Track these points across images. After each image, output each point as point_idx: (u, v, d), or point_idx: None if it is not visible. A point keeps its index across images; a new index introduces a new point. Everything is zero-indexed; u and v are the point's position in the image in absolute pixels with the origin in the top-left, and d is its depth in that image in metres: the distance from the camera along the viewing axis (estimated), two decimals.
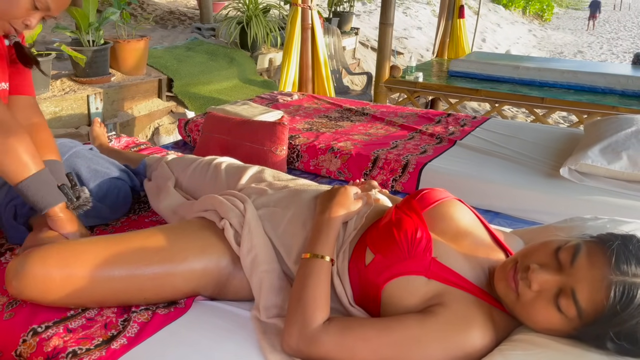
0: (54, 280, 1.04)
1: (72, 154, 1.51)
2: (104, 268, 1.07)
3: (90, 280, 1.06)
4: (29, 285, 1.04)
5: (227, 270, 1.16)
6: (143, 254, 1.11)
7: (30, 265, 1.04)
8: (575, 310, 0.86)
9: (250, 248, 1.15)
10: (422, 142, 2.44)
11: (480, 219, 1.14)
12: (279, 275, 1.14)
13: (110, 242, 1.13)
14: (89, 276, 1.06)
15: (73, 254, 1.07)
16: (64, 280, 1.05)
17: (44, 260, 1.05)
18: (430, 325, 0.93)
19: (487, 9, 12.34)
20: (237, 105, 2.68)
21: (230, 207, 1.22)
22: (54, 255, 1.06)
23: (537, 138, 2.52)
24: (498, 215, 1.97)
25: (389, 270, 1.01)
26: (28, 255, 1.06)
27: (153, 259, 1.10)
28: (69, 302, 1.08)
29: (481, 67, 4.58)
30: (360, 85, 6.19)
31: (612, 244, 0.86)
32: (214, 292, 1.18)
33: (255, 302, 1.11)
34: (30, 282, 1.04)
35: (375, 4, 9.05)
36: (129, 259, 1.09)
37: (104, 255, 1.08)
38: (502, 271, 0.97)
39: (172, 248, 1.13)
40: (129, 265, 1.09)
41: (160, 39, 5.38)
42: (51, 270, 1.04)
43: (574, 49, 12.02)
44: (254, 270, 1.13)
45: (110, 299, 1.11)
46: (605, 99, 3.97)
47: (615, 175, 1.94)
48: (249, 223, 1.18)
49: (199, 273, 1.14)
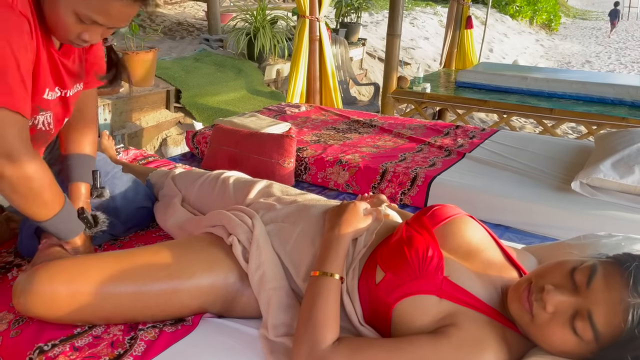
0: (60, 297, 1.03)
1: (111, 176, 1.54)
2: (110, 284, 1.06)
3: (97, 297, 1.05)
4: (35, 302, 1.03)
5: (235, 287, 1.15)
6: (150, 270, 1.10)
7: (37, 281, 1.03)
8: (591, 333, 0.84)
9: (258, 265, 1.13)
10: (431, 154, 2.43)
11: (492, 236, 1.12)
12: (287, 293, 1.13)
13: (117, 258, 1.12)
14: (95, 292, 1.05)
15: (80, 271, 1.07)
16: (71, 297, 1.04)
17: (50, 276, 1.04)
18: (443, 347, 0.91)
19: (494, 19, 12.35)
20: (245, 117, 2.68)
21: (238, 222, 1.21)
22: (61, 271, 1.06)
23: (547, 150, 2.50)
24: (508, 229, 1.94)
25: (400, 289, 0.99)
26: (35, 272, 1.05)
27: (159, 275, 1.09)
28: (75, 318, 1.07)
29: (489, 77, 4.57)
30: (368, 95, 6.19)
31: (630, 265, 0.84)
32: (222, 309, 1.16)
33: (263, 320, 1.09)
34: (37, 298, 1.03)
35: (383, 15, 9.08)
36: (135, 275, 1.08)
37: (111, 272, 1.07)
38: (515, 291, 0.95)
39: (179, 264, 1.12)
40: (135, 282, 1.08)
41: (168, 50, 5.41)
42: (58, 287, 1.03)
43: (582, 59, 11.98)
44: (262, 287, 1.11)
45: (117, 315, 1.10)
46: (614, 110, 3.94)
47: (628, 189, 1.92)
48: (257, 239, 1.17)
49: (206, 290, 1.12)
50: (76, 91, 1.27)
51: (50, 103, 1.17)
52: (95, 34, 1.07)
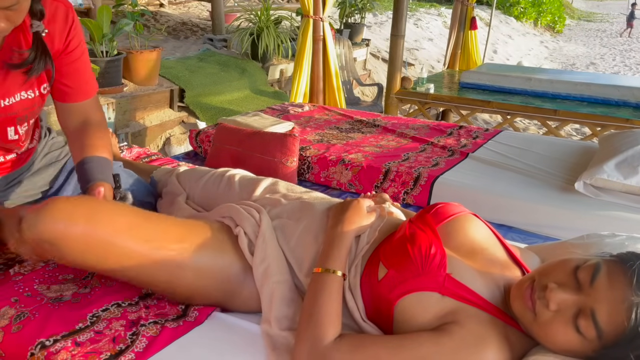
0: (76, 226, 0.98)
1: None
2: (124, 236, 1.03)
3: (109, 244, 1.02)
4: (51, 219, 0.97)
5: (238, 279, 1.15)
6: (163, 235, 1.09)
7: (59, 201, 1.01)
8: (595, 331, 0.84)
9: (263, 258, 1.14)
10: (434, 154, 2.42)
11: (496, 235, 1.12)
12: (290, 287, 1.13)
13: (137, 213, 1.11)
14: (109, 239, 1.01)
15: (101, 210, 1.04)
16: (85, 233, 0.99)
17: (73, 204, 1.02)
18: (444, 344, 0.91)
19: (498, 20, 12.33)
20: (248, 117, 2.69)
21: (246, 215, 1.21)
22: (84, 204, 1.04)
23: (550, 151, 2.49)
24: (511, 229, 1.94)
25: (402, 285, 0.99)
26: (57, 197, 1.04)
27: (170, 244, 1.08)
28: (86, 258, 1.03)
29: (493, 78, 4.56)
30: (371, 96, 6.19)
31: (634, 264, 0.84)
32: (223, 300, 1.17)
33: (264, 315, 1.09)
34: (55, 215, 0.98)
35: (387, 16, 9.08)
36: (149, 234, 1.07)
37: (128, 223, 1.05)
38: (518, 290, 0.95)
39: (191, 240, 1.12)
40: (146, 243, 1.05)
41: (172, 50, 5.42)
42: (77, 217, 0.99)
43: (587, 60, 11.94)
44: (265, 280, 1.12)
45: (120, 272, 1.08)
46: (619, 111, 3.93)
47: (632, 190, 1.91)
48: (263, 234, 1.17)
49: (209, 272, 1.12)
50: (26, 98, 1.24)
51: None
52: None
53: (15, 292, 1.18)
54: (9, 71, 1.18)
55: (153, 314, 1.14)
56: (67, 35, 1.27)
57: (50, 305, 1.14)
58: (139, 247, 1.05)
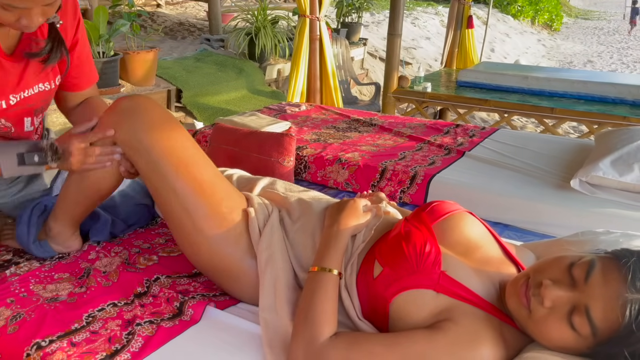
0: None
1: None
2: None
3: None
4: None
5: (241, 263, 1.17)
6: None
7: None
8: (589, 328, 0.84)
9: (269, 244, 1.16)
10: (431, 153, 2.42)
11: (491, 232, 1.13)
12: (293, 276, 1.15)
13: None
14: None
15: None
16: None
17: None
18: (439, 341, 0.92)
19: (495, 19, 12.33)
20: (245, 116, 2.69)
21: (260, 202, 1.26)
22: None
23: (547, 149, 2.50)
24: (507, 227, 1.94)
25: (397, 283, 1.00)
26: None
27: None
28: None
29: (490, 77, 4.56)
30: (369, 95, 6.19)
31: (628, 260, 0.84)
32: (222, 278, 1.20)
33: (265, 302, 1.09)
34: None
35: (384, 15, 9.08)
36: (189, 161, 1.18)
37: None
38: (513, 287, 0.95)
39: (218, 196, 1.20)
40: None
41: (169, 50, 5.42)
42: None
43: (584, 58, 11.96)
44: (269, 266, 1.13)
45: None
46: (616, 109, 3.93)
47: (627, 187, 1.91)
48: (272, 224, 1.20)
49: (223, 250, 1.17)
50: (43, 90, 1.31)
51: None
52: (30, 17, 1.08)
53: (12, 293, 1.19)
54: (29, 62, 1.25)
55: (149, 313, 1.14)
56: (77, 26, 1.35)
57: (47, 306, 1.14)
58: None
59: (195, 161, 1.19)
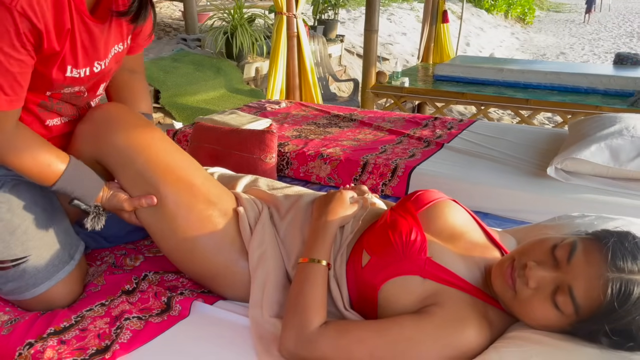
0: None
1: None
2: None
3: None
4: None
5: (235, 267, 1.17)
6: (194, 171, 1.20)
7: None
8: (572, 307, 0.87)
9: (261, 242, 1.17)
10: (410, 145, 2.46)
11: (475, 219, 1.16)
12: (284, 274, 1.17)
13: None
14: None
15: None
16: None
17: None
18: (426, 325, 0.95)
19: (470, 13, 12.48)
20: (225, 115, 2.69)
21: (249, 200, 1.26)
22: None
23: (523, 139, 2.55)
24: (487, 216, 1.98)
25: (385, 271, 1.02)
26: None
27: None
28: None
29: (466, 70, 4.63)
30: (347, 91, 6.22)
31: (608, 241, 0.88)
32: (213, 276, 1.19)
33: (254, 300, 1.11)
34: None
35: (360, 11, 9.12)
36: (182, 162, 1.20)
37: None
38: (499, 269, 0.98)
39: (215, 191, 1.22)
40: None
41: (145, 51, 5.33)
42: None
43: (557, 50, 12.17)
44: (260, 264, 1.14)
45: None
46: (588, 98, 4.03)
47: (600, 172, 1.98)
48: (263, 221, 1.21)
49: (218, 247, 1.17)
50: (117, 52, 1.22)
51: (77, 80, 1.13)
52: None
53: (8, 304, 1.19)
54: (112, 22, 1.15)
55: (137, 310, 1.15)
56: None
57: (40, 315, 1.14)
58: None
59: (183, 166, 1.19)
